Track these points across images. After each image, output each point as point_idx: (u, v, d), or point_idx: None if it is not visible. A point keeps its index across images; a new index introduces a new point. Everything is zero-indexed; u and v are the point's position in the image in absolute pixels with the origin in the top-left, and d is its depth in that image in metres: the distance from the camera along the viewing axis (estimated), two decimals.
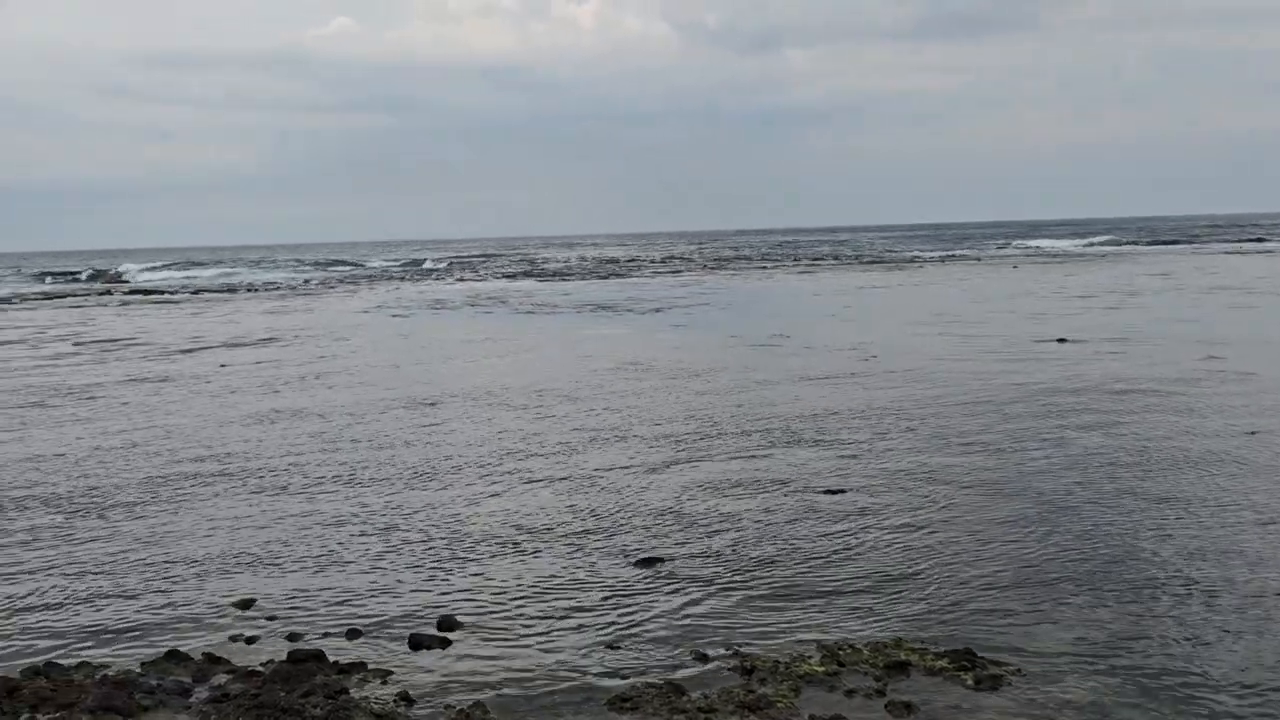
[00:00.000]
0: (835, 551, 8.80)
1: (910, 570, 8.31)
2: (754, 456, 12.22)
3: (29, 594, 8.32)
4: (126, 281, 74.15)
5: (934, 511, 9.82)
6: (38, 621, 7.76)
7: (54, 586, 8.47)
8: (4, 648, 7.29)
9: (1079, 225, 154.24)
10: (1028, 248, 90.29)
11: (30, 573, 8.81)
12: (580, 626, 7.37)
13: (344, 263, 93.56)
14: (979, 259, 71.76)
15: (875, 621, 7.33)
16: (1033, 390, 15.97)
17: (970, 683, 6.31)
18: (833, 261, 73.09)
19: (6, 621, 7.77)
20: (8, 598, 8.24)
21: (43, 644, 7.34)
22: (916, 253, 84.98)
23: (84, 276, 79.87)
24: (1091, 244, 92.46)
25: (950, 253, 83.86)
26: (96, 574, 8.73)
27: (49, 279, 79.65)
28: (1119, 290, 37.12)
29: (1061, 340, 22.13)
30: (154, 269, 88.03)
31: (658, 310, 34.71)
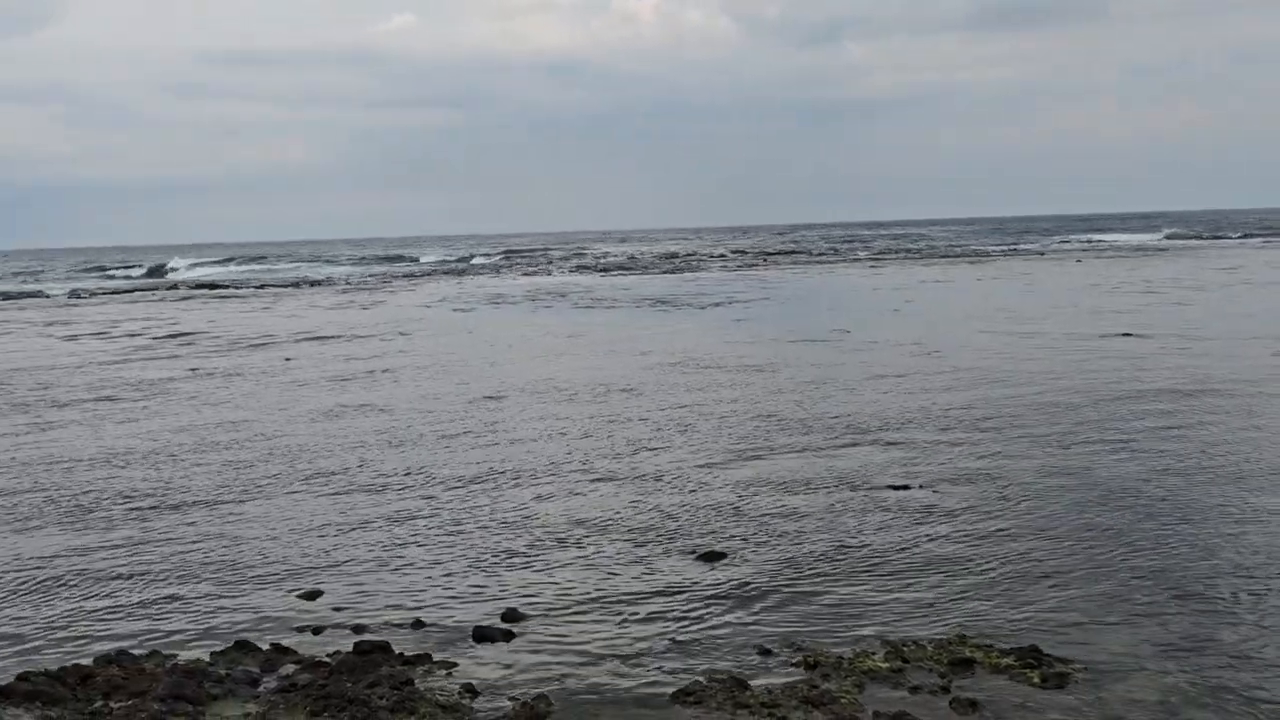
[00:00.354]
0: (899, 548, 8.75)
1: (975, 567, 8.25)
2: (817, 452, 12.17)
3: (101, 583, 8.47)
4: (170, 275, 75.37)
5: (999, 508, 9.74)
6: (109, 610, 7.90)
7: (125, 576, 8.62)
8: (77, 636, 7.44)
9: (1146, 219, 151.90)
10: (1092, 242, 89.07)
11: (102, 563, 8.97)
12: (643, 620, 7.39)
13: (402, 258, 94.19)
14: (1042, 253, 70.96)
15: (939, 618, 7.28)
16: (1099, 387, 15.78)
17: (1036, 681, 6.25)
18: (893, 255, 72.60)
19: (79, 610, 7.92)
20: (80, 587, 8.40)
21: (114, 633, 7.48)
22: (978, 247, 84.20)
23: (135, 274, 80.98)
24: (1158, 238, 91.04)
25: (1013, 247, 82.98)
26: (166, 564, 8.88)
27: (111, 274, 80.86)
28: (1186, 285, 36.54)
29: (1126, 335, 21.85)
30: (202, 264, 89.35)
31: (717, 305, 34.66)
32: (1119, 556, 8.34)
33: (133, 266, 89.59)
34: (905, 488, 10.52)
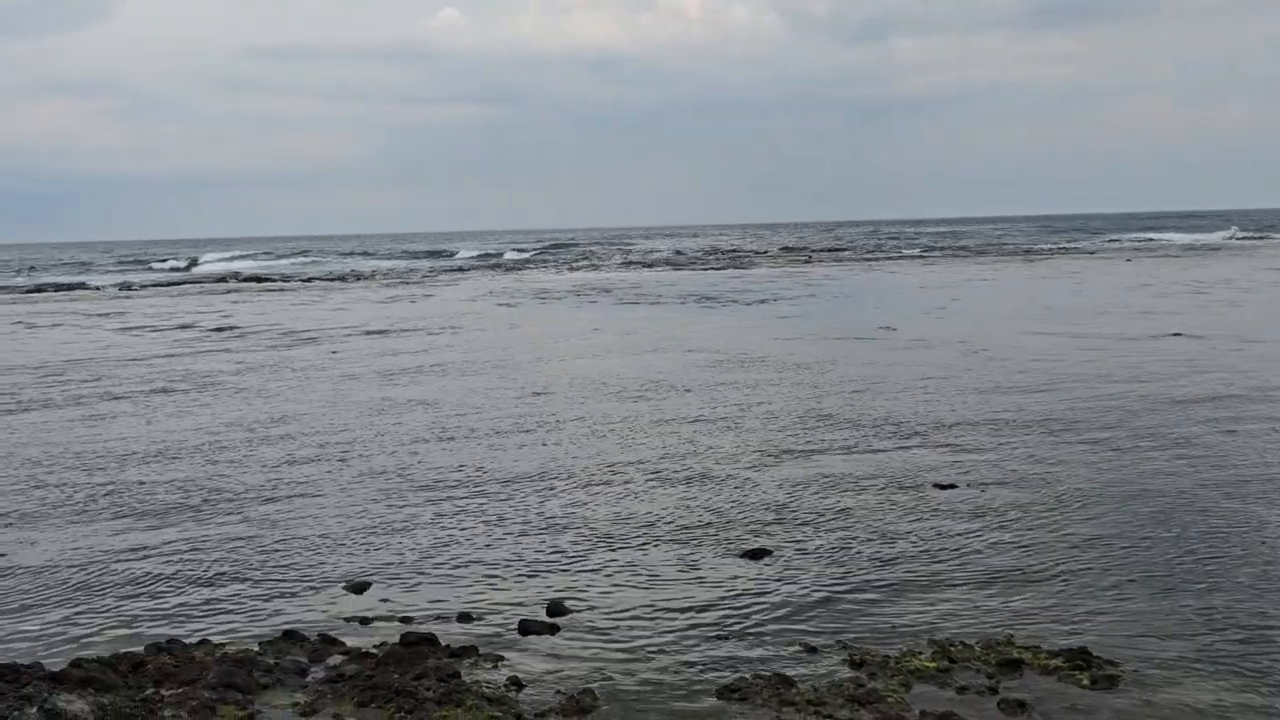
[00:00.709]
0: (947, 547, 8.69)
1: (1024, 567, 8.18)
2: (864, 450, 12.12)
3: (152, 572, 8.57)
4: (216, 267, 76.23)
5: (1047, 508, 9.65)
6: (161, 599, 7.99)
7: (177, 565, 8.72)
8: (129, 624, 7.53)
9: (1198, 218, 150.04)
10: (1143, 240, 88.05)
11: (153, 553, 9.07)
12: (689, 616, 7.39)
13: (444, 252, 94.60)
14: (1092, 252, 70.27)
15: (987, 618, 7.22)
16: (1149, 389, 15.60)
17: (1086, 682, 6.19)
18: (939, 253, 72.13)
19: (131, 598, 8.02)
20: (132, 576, 8.51)
21: (166, 621, 7.56)
22: (1027, 244, 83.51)
23: (182, 266, 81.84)
24: (1211, 237, 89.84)
25: (1062, 245, 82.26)
26: (217, 554, 8.97)
27: (157, 267, 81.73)
28: (1238, 285, 36.07)
29: (1177, 335, 21.59)
30: (247, 258, 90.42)
31: (763, 302, 34.58)
32: (1171, 560, 8.23)
33: (178, 259, 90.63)
34: (952, 487, 10.45)
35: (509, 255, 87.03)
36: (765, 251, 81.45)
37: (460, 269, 69.35)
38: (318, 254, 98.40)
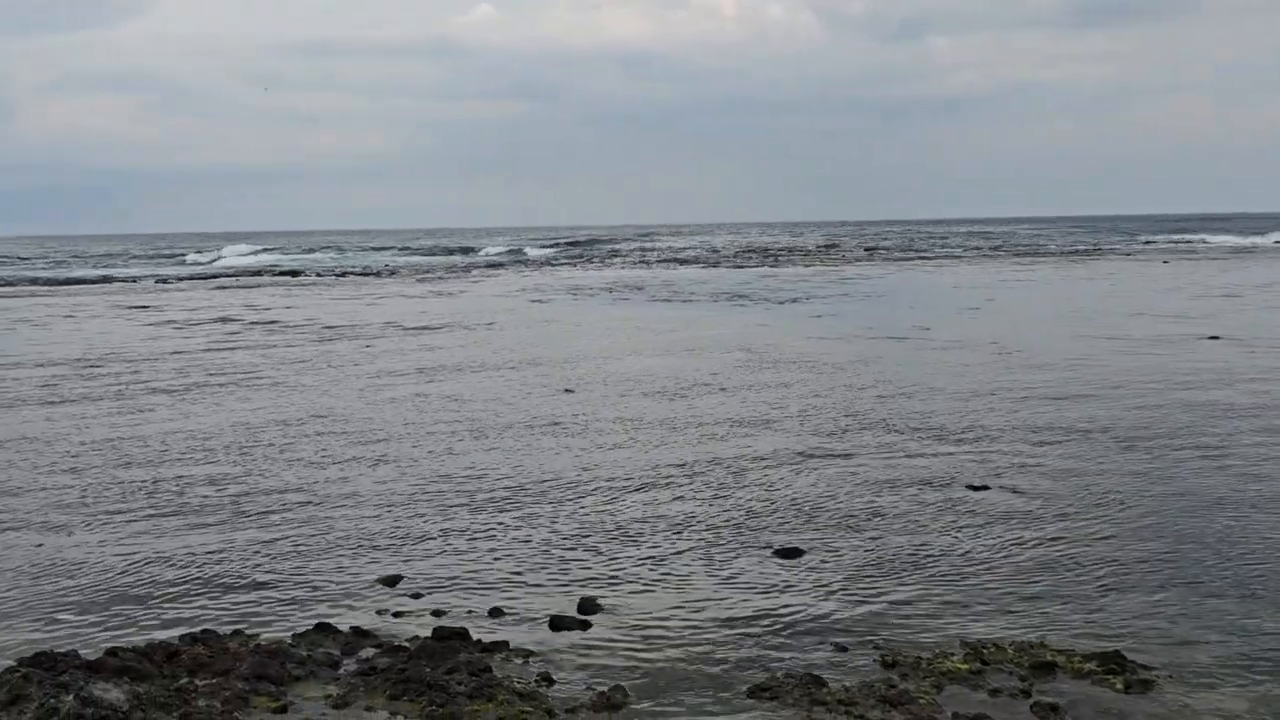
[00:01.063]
0: (979, 548, 8.65)
1: (1057, 569, 8.13)
2: (897, 450, 12.08)
3: (186, 563, 8.64)
4: (250, 260, 76.84)
5: (1082, 512, 9.59)
6: (195, 590, 8.06)
7: (210, 557, 8.78)
8: (163, 614, 7.59)
9: (1238, 220, 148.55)
10: (1182, 242, 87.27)
11: (188, 544, 9.14)
12: (720, 614, 7.38)
13: (476, 248, 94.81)
14: (1129, 253, 69.75)
15: (1020, 620, 7.19)
16: (1185, 390, 15.48)
17: (1120, 687, 6.15)
18: (974, 253, 71.75)
19: (166, 589, 8.09)
20: (167, 567, 8.57)
21: (199, 612, 7.62)
22: (1062, 245, 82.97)
23: (217, 260, 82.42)
24: (1251, 239, 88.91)
25: (1098, 246, 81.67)
26: (251, 545, 9.03)
27: (194, 261, 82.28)
28: (1279, 288, 35.72)
29: (1214, 338, 21.40)
30: (281, 251, 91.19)
31: (795, 301, 34.50)
32: (1208, 566, 8.16)
33: (208, 252, 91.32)
34: (986, 488, 10.40)
35: (539, 251, 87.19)
36: (798, 250, 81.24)
37: (491, 265, 69.52)
38: (350, 249, 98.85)
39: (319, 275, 58.85)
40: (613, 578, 8.16)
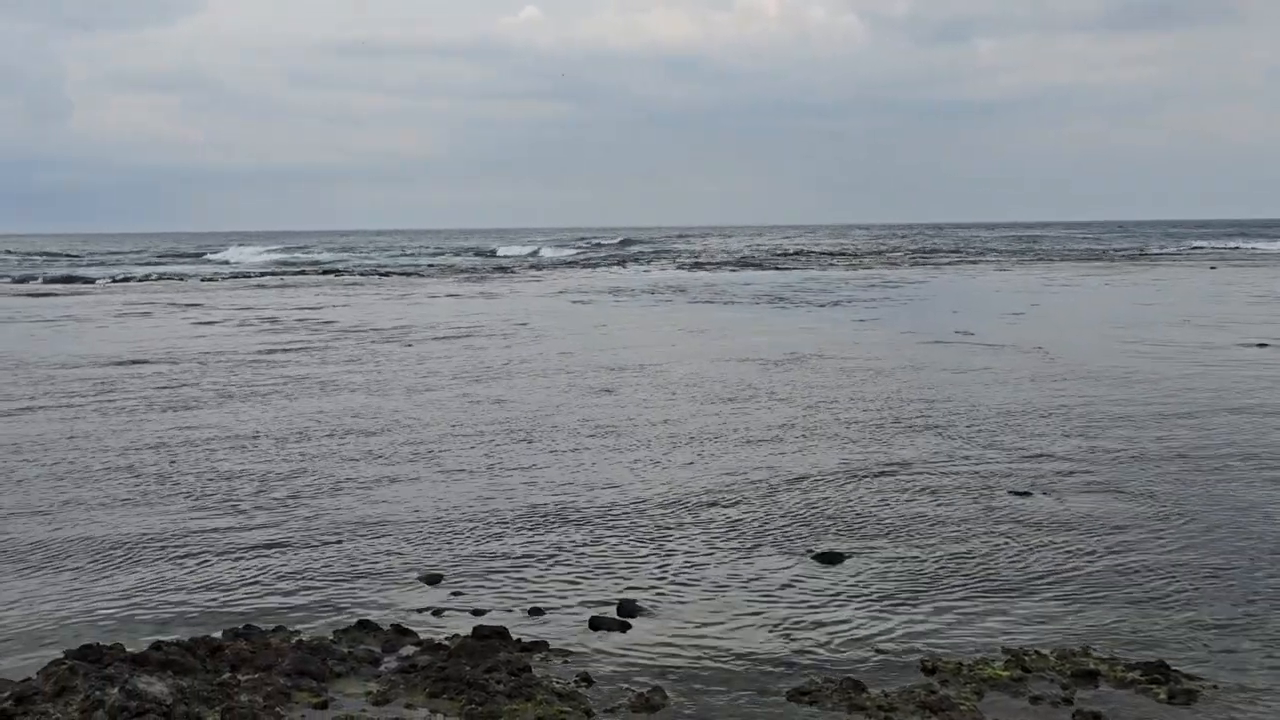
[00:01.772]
0: (1021, 554, 8.59)
1: (1099, 577, 8.06)
2: (940, 455, 12.01)
3: (231, 560, 8.71)
4: (296, 258, 77.52)
5: (1127, 521, 9.50)
6: (239, 586, 8.13)
7: (255, 554, 8.86)
8: (207, 609, 7.67)
9: None
10: (1229, 248, 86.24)
11: (233, 541, 9.23)
12: (760, 618, 7.37)
13: (516, 248, 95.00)
14: (1175, 257, 69.02)
15: (1062, 628, 7.13)
16: (1233, 398, 15.30)
17: (1163, 696, 6.09)
18: (1017, 257, 71.21)
19: (211, 584, 8.16)
20: (212, 563, 8.66)
21: (242, 608, 7.69)
22: (1107, 249, 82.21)
23: (263, 257, 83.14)
24: None
25: (1143, 250, 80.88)
26: (295, 543, 9.10)
27: (235, 261, 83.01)
28: None
29: (1262, 345, 21.14)
30: (325, 250, 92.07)
31: (836, 304, 34.38)
32: (1255, 577, 8.06)
33: (256, 248, 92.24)
34: (1028, 494, 10.32)
35: (581, 252, 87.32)
36: (839, 252, 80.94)
37: (533, 265, 69.72)
38: (389, 249, 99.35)
39: (362, 274, 59.22)
40: (653, 580, 8.16)
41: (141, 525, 9.67)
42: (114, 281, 54.56)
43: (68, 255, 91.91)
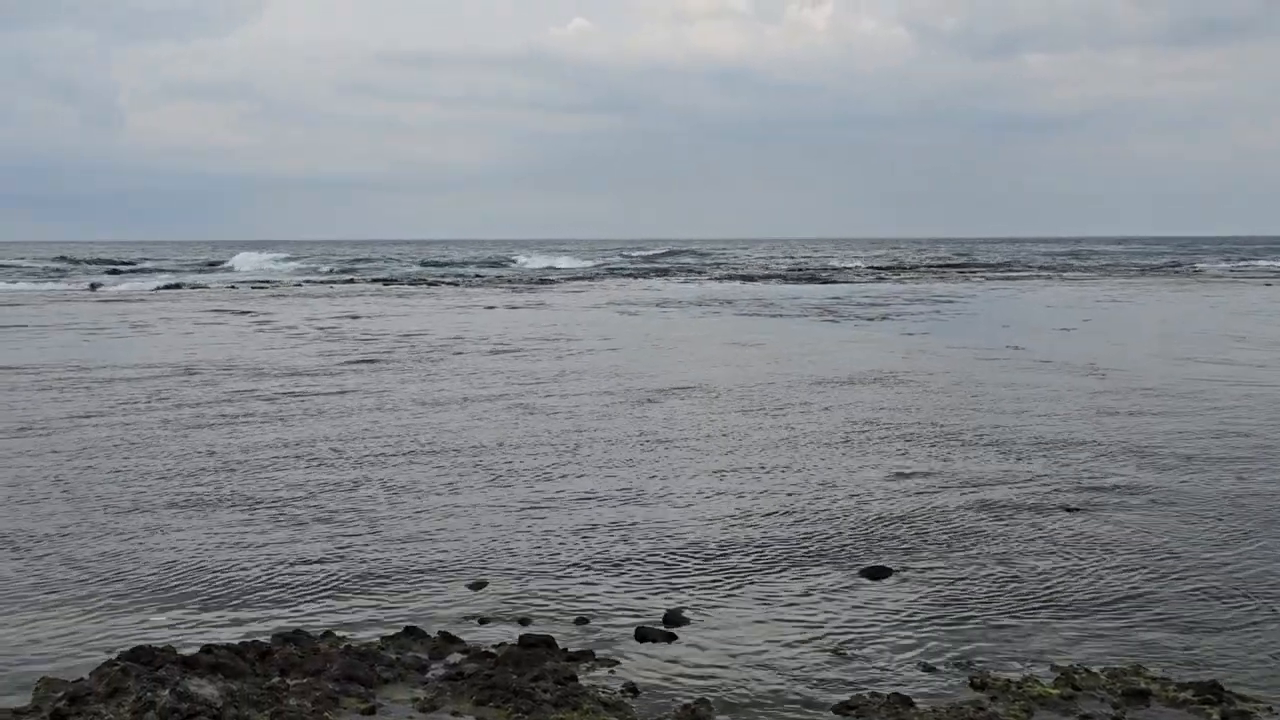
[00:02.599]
0: (1072, 572, 8.50)
1: (1152, 595, 7.96)
2: (990, 470, 11.92)
3: (281, 566, 8.79)
4: (350, 270, 78.06)
5: (1180, 540, 9.37)
6: (288, 591, 8.19)
7: (304, 561, 8.92)
8: (257, 614, 7.73)
9: None
10: None
11: (282, 547, 9.31)
12: (806, 632, 7.34)
13: (563, 259, 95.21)
14: (1231, 273, 68.15)
15: (1113, 646, 7.05)
16: None
17: (1216, 717, 6.00)
18: (1070, 273, 70.59)
19: (260, 589, 8.24)
20: (262, 569, 8.73)
21: (291, 612, 7.75)
22: (1159, 265, 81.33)
23: (319, 268, 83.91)
24: None
25: (1196, 266, 79.93)
26: (344, 549, 9.16)
27: (283, 269, 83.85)
28: None
29: None
30: (374, 260, 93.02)
31: (885, 318, 34.21)
32: None
33: (308, 259, 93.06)
34: (1080, 511, 10.22)
35: (628, 263, 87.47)
36: (888, 266, 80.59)
37: (580, 276, 69.89)
38: (446, 260, 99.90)
39: (412, 284, 59.61)
40: (699, 592, 8.15)
41: (191, 530, 9.77)
42: (167, 289, 55.26)
43: (123, 261, 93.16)
